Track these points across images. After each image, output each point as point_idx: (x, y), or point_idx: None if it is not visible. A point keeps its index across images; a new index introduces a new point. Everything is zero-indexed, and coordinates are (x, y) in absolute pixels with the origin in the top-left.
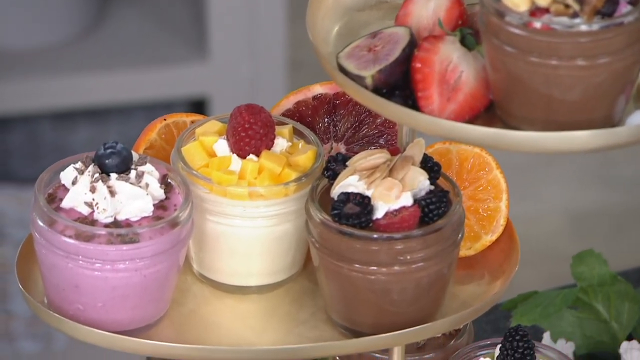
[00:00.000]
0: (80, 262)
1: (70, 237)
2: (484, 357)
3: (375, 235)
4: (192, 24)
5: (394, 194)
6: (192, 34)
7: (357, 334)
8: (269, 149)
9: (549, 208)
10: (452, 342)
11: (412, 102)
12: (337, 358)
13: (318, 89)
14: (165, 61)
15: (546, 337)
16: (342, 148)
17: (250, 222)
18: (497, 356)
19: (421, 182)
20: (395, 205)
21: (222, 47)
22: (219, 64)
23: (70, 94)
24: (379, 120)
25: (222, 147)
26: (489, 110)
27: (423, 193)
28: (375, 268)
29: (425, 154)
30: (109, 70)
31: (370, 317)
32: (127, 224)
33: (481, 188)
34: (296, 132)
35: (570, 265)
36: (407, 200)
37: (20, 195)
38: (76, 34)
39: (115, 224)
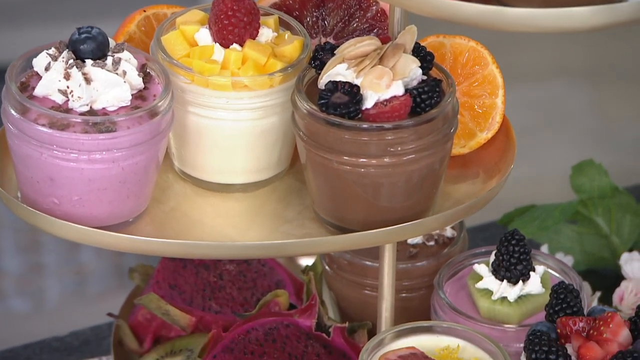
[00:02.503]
0: (55, 152)
1: (44, 125)
2: (479, 264)
3: (364, 125)
4: None
5: (384, 83)
6: None
7: (346, 232)
8: (254, 39)
9: (552, 170)
10: (446, 250)
11: None
12: (327, 267)
13: None
14: None
15: (544, 250)
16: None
17: (234, 115)
18: (492, 262)
19: (413, 70)
20: (386, 95)
21: None
22: None
23: None
24: (369, 13)
25: (204, 36)
26: None
27: (415, 83)
28: (364, 160)
29: (417, 43)
30: (97, 19)
31: (360, 214)
32: (104, 113)
33: (476, 84)
34: (282, 24)
35: (569, 177)
36: (398, 89)
37: None
38: None
39: (91, 113)
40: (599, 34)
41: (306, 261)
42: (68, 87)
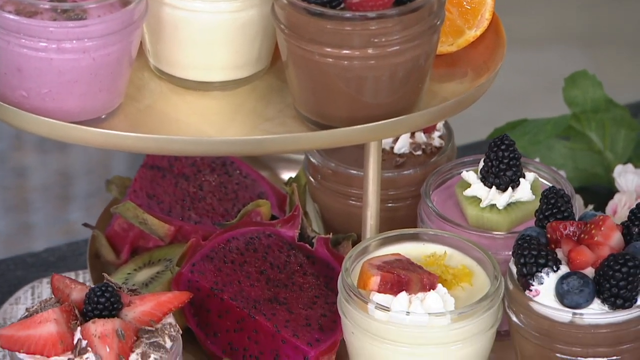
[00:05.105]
0: (23, 40)
1: (10, 12)
2: (467, 172)
3: (347, 15)
4: None
5: None
6: None
7: (328, 129)
8: None
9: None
10: (433, 159)
11: None
12: (311, 179)
13: None
14: None
15: None
16: None
17: (211, 6)
18: (481, 168)
19: None
20: None
21: None
22: None
23: None
24: None
25: None
26: None
27: None
28: (347, 52)
29: None
30: None
31: (342, 111)
32: (74, 1)
33: None
34: None
35: (562, 89)
36: None
37: None
38: None
39: (61, 0)
40: None
41: (289, 173)
42: None
